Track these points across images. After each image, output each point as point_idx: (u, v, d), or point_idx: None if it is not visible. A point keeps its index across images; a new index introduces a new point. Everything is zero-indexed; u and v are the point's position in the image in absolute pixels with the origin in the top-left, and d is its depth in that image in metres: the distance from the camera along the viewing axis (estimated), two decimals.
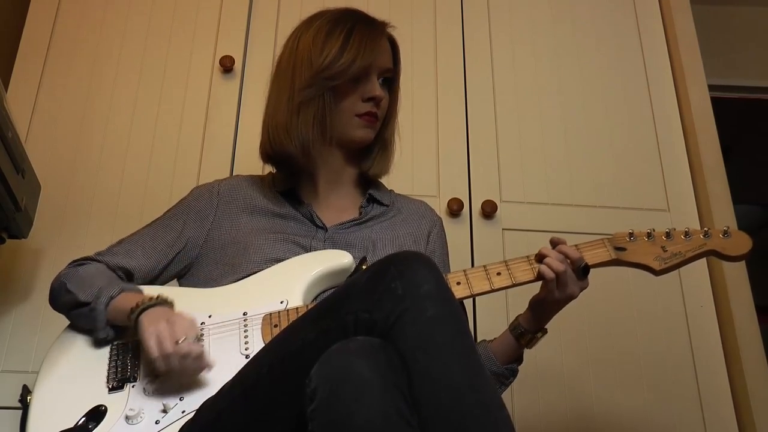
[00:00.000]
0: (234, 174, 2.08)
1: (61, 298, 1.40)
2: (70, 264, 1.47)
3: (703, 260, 2.12)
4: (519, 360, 1.43)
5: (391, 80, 1.57)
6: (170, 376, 1.25)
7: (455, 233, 2.08)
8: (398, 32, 2.32)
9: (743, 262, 2.12)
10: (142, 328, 1.25)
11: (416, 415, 0.96)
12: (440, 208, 2.10)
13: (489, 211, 2.10)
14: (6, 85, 2.16)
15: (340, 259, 1.39)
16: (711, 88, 2.40)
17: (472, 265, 2.05)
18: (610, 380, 1.97)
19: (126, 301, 1.33)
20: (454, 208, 2.09)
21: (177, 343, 1.20)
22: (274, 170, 1.60)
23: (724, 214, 2.18)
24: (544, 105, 2.30)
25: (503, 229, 2.11)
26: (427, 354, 1.01)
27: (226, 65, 2.22)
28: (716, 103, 2.39)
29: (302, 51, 1.50)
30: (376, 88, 1.49)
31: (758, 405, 1.95)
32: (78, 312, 1.36)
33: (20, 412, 1.27)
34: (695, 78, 2.36)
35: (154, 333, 1.23)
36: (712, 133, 2.29)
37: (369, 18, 1.56)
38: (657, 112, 2.32)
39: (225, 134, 2.17)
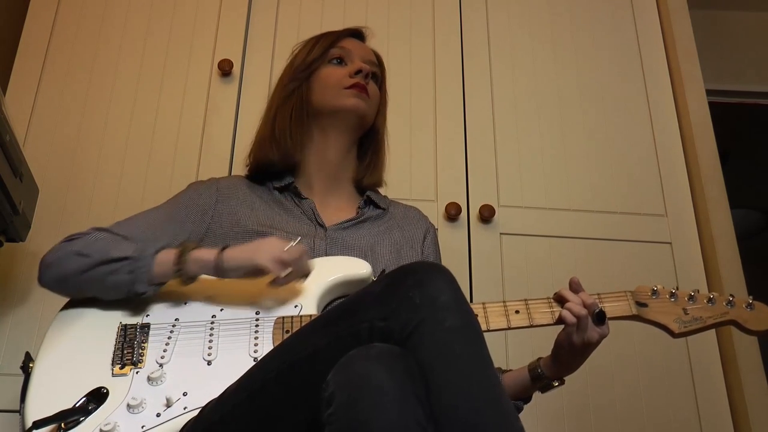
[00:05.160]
0: None
1: (70, 264, 1.33)
2: (63, 241, 1.40)
3: (699, 261, 2.14)
4: (527, 399, 1.42)
5: (378, 80, 1.62)
6: (177, 366, 1.25)
7: (453, 238, 2.08)
8: (397, 37, 2.34)
9: (740, 263, 2.13)
10: (242, 258, 1.29)
11: (432, 425, 0.96)
12: (438, 212, 2.10)
13: (487, 215, 2.10)
14: (4, 89, 2.16)
15: (359, 268, 1.38)
16: (709, 92, 2.40)
17: (470, 268, 2.05)
18: (606, 383, 1.97)
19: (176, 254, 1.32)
20: (452, 213, 2.09)
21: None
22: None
23: (722, 218, 2.18)
24: (542, 109, 2.31)
25: (501, 233, 2.12)
26: (446, 364, 1.00)
27: (225, 69, 2.23)
28: (714, 107, 2.39)
29: (283, 75, 1.65)
30: (361, 64, 1.56)
31: (755, 409, 1.95)
32: (106, 269, 1.30)
33: (17, 415, 1.26)
34: (693, 83, 2.37)
35: (265, 252, 1.27)
36: (709, 137, 2.30)
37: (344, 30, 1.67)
38: (655, 117, 2.33)
39: (223, 138, 2.17)
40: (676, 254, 2.13)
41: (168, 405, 1.20)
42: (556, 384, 1.37)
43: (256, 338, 1.29)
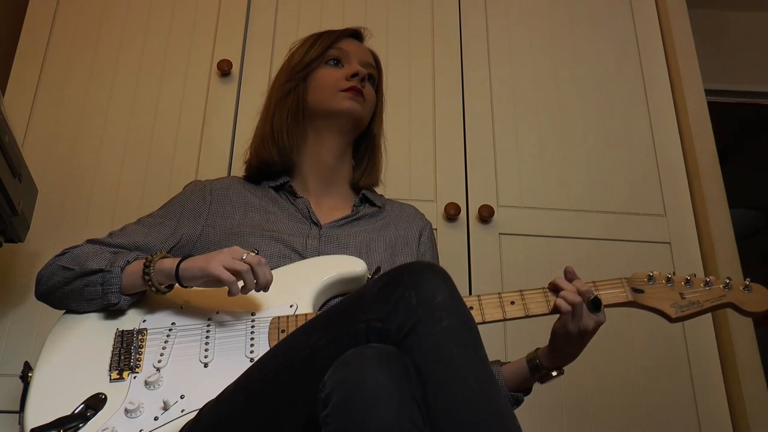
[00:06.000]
0: None
1: (56, 277, 1.36)
2: (55, 255, 1.43)
3: (698, 261, 2.14)
4: (527, 391, 1.42)
5: (374, 82, 1.63)
6: (174, 369, 1.25)
7: (452, 238, 2.08)
8: (396, 37, 2.34)
9: (739, 263, 2.13)
10: (196, 267, 1.28)
11: (428, 425, 0.96)
12: (437, 212, 2.10)
13: (486, 215, 2.10)
14: (3, 89, 2.16)
15: (354, 266, 1.38)
16: (708, 92, 2.41)
17: (469, 269, 2.06)
18: (605, 383, 1.97)
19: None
20: (451, 213, 2.09)
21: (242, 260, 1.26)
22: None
23: (721, 218, 2.19)
24: (541, 110, 2.31)
25: (500, 233, 2.12)
26: (443, 365, 1.00)
27: (224, 69, 2.23)
28: (713, 107, 2.39)
29: (280, 72, 1.64)
30: (357, 67, 1.56)
31: (754, 409, 1.95)
32: (83, 282, 1.33)
33: (17, 416, 1.26)
34: (692, 83, 2.37)
35: (217, 262, 1.26)
36: (708, 137, 2.30)
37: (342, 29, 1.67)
38: (654, 117, 2.33)
39: (222, 138, 2.17)
40: (675, 254, 2.14)
41: (165, 408, 1.20)
42: (555, 374, 1.37)
43: (252, 339, 1.30)
